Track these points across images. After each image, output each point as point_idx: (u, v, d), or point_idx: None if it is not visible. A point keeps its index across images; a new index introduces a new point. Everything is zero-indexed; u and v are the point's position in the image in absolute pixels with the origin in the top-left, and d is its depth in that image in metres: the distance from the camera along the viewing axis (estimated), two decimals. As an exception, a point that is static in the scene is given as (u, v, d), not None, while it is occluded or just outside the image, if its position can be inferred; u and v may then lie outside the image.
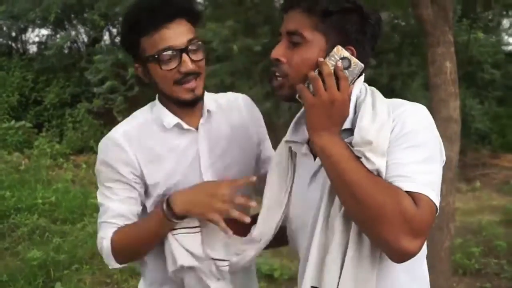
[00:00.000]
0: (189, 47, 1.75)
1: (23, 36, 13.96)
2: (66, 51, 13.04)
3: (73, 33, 13.21)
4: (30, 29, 13.75)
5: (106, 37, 13.80)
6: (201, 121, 1.89)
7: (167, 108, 1.86)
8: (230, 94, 2.09)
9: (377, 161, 1.38)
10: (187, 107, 1.84)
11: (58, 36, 13.37)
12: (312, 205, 1.55)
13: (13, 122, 11.25)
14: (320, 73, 1.42)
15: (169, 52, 1.72)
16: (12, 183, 7.87)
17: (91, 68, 10.84)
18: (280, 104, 9.54)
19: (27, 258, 5.41)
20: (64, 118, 11.46)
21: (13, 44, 13.87)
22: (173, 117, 1.84)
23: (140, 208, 1.90)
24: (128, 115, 1.99)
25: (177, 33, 1.73)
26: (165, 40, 1.72)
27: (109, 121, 10.84)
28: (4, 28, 13.38)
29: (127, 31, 1.80)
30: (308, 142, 1.63)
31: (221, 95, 2.08)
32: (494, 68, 11.29)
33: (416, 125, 1.45)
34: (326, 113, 1.40)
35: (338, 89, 1.41)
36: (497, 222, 6.83)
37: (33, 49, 14.07)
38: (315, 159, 1.60)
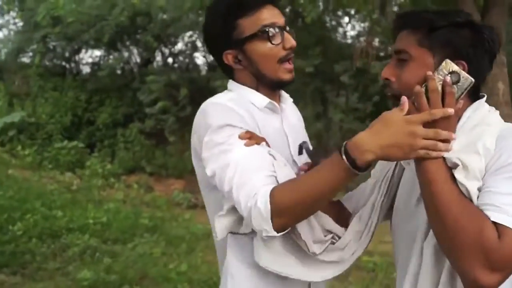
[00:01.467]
0: (286, 27, 1.79)
1: (76, 57, 14.28)
2: (119, 72, 13.27)
3: (126, 54, 13.44)
4: (83, 50, 14.06)
5: (158, 58, 14.01)
6: (282, 104, 1.92)
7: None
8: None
9: (467, 183, 1.35)
10: (278, 89, 1.89)
11: (111, 57, 13.64)
12: (421, 221, 1.53)
13: (65, 142, 11.48)
14: (427, 88, 1.38)
15: (274, 28, 1.74)
16: (64, 203, 7.93)
17: (144, 89, 11.00)
18: (331, 125, 9.49)
19: (77, 278, 5.41)
20: (116, 138, 11.62)
21: (67, 65, 14.17)
22: (263, 97, 1.82)
23: None
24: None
25: (276, 14, 1.78)
26: (269, 18, 1.75)
27: (161, 141, 10.95)
28: (58, 49, 13.66)
29: (224, 14, 1.76)
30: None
31: None
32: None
33: None
34: None
35: (443, 105, 1.37)
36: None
37: (86, 69, 14.38)
38: None
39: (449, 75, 1.39)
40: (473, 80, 1.40)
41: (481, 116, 1.50)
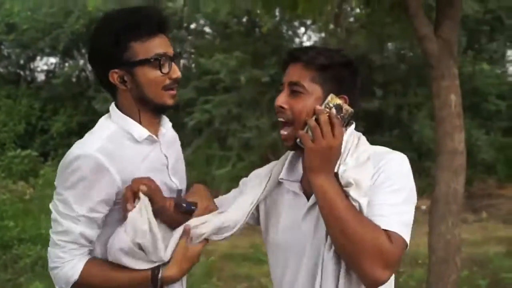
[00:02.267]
0: (174, 57, 1.89)
1: (31, 64, 14.11)
2: (74, 80, 13.15)
3: (81, 62, 13.34)
4: (38, 58, 13.92)
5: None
6: (163, 130, 1.98)
7: (133, 117, 1.90)
8: None
9: (360, 200, 1.63)
10: (160, 113, 1.96)
11: (66, 64, 13.51)
12: (307, 235, 1.79)
13: (19, 150, 11.31)
14: (317, 120, 1.65)
15: (166, 58, 1.83)
16: (16, 213, 7.83)
17: (99, 97, 10.91)
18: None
19: (29, 290, 5.40)
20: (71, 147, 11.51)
21: (21, 72, 13.99)
22: (142, 129, 1.88)
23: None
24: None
25: (167, 43, 1.87)
26: (161, 47, 1.83)
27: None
28: (13, 56, 13.51)
29: (118, 33, 1.81)
30: (301, 182, 1.87)
31: None
32: (499, 99, 11.31)
33: (397, 173, 1.72)
34: (323, 157, 1.65)
35: (333, 135, 1.64)
36: (504, 254, 6.77)
37: (41, 77, 14.22)
38: (307, 198, 1.83)
39: (334, 107, 1.67)
40: (352, 110, 1.70)
41: (355, 141, 1.79)
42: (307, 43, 12.99)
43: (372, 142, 1.90)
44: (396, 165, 1.74)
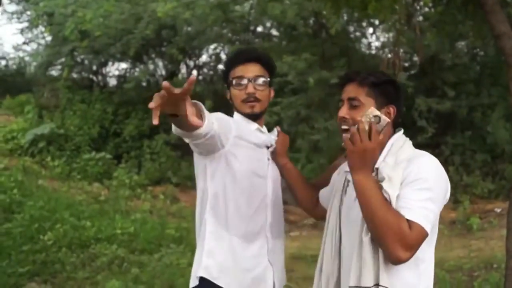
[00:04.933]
0: (255, 79, 2.56)
1: (103, 69, 14.47)
2: (144, 84, 13.40)
3: (151, 66, 13.61)
4: (110, 63, 14.26)
5: (183, 70, 14.16)
6: (264, 127, 2.68)
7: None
8: None
9: (390, 192, 2.00)
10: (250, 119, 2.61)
11: (137, 69, 13.81)
12: (357, 216, 2.10)
13: (93, 153, 11.65)
14: (358, 128, 2.00)
15: (240, 79, 2.56)
16: (92, 214, 8.06)
17: (169, 101, 11.10)
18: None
19: None
20: (143, 150, 11.76)
21: (94, 78, 14.35)
22: (253, 122, 2.60)
23: None
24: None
25: (249, 69, 2.57)
26: (240, 71, 2.57)
27: (186, 152, 11.01)
28: (86, 62, 13.85)
29: (227, 63, 2.69)
30: None
31: None
32: None
33: (427, 173, 2.04)
34: (361, 158, 2.02)
35: (371, 139, 2.00)
36: None
37: (113, 82, 14.55)
38: None
39: (373, 118, 2.00)
40: (389, 120, 2.05)
41: (400, 144, 2.17)
42: (375, 44, 12.87)
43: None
44: (426, 167, 2.06)
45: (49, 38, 13.95)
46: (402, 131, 2.24)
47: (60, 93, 13.25)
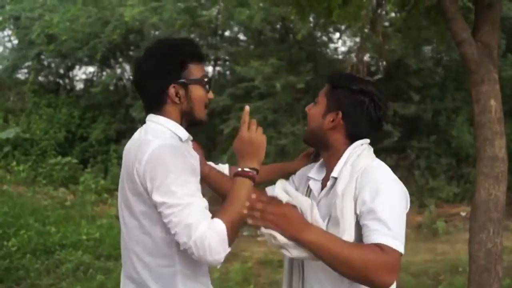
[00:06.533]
0: None
1: (70, 73, 14.32)
2: (112, 88, 13.30)
3: (118, 70, 13.52)
4: (77, 67, 14.11)
5: (151, 74, 14.03)
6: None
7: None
8: None
9: (341, 208, 1.97)
10: (194, 127, 2.27)
11: (104, 73, 13.70)
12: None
13: (59, 158, 11.51)
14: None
15: (209, 80, 2.25)
16: (58, 219, 7.96)
17: (136, 105, 11.05)
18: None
19: (71, 295, 5.47)
20: (109, 154, 11.65)
21: (61, 81, 14.21)
22: (185, 131, 2.21)
23: None
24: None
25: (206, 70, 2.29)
26: (205, 71, 2.26)
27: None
28: (53, 66, 13.75)
29: (180, 55, 2.17)
30: (322, 181, 2.24)
31: None
32: (541, 103, 11.07)
33: (385, 191, 1.95)
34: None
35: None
36: (547, 261, 6.62)
37: (79, 86, 14.41)
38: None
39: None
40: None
41: (358, 153, 2.12)
42: (341, 49, 12.97)
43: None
44: (381, 181, 2.00)
45: (15, 42, 13.82)
46: (362, 140, 2.17)
47: (26, 96, 13.09)
